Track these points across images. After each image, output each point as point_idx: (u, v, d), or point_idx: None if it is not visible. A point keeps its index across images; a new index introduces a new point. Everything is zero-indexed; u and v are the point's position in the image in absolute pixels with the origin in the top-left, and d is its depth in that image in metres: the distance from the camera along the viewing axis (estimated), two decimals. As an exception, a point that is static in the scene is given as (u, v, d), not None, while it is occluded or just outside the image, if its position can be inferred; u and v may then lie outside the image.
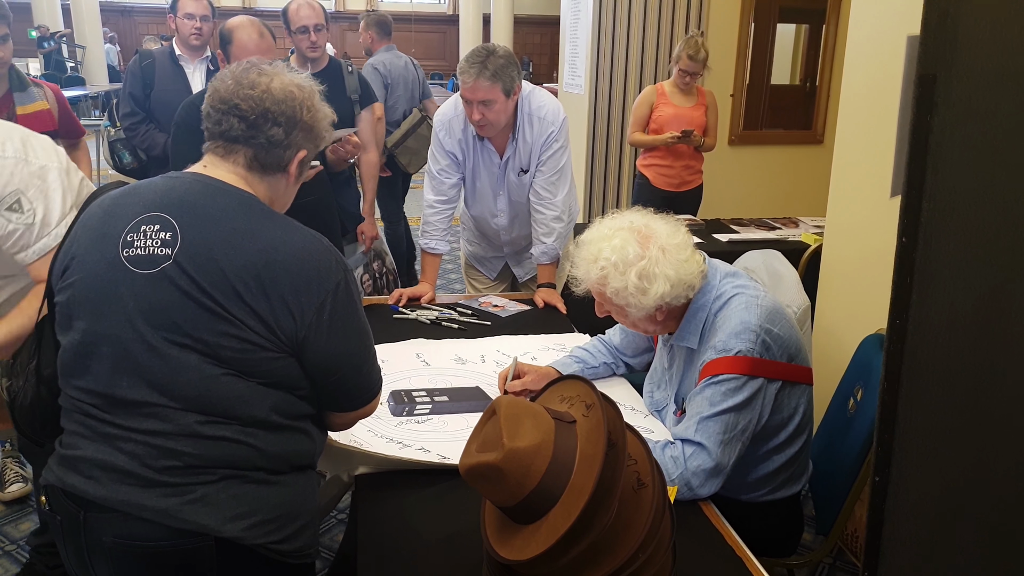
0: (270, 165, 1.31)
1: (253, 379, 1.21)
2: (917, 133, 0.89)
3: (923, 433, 1.00)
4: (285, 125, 1.29)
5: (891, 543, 1.02)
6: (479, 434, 1.14)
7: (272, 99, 1.28)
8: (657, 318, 1.64)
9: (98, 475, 1.19)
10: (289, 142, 1.31)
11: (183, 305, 1.18)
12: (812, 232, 3.66)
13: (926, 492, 1.02)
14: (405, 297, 2.53)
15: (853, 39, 2.50)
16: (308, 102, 1.33)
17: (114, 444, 1.19)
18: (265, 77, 1.30)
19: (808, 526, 2.01)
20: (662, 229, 1.62)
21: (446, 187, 2.58)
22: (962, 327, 0.97)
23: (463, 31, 12.62)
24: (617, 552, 1.06)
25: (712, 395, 1.54)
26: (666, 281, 1.57)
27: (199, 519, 1.17)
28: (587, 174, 4.99)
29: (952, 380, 0.99)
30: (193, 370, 1.18)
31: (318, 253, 1.24)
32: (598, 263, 1.60)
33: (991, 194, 0.94)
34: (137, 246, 1.21)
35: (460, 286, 3.01)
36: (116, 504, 1.17)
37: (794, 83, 5.49)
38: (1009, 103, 0.91)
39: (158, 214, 1.22)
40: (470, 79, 2.30)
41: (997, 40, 0.88)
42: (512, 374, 1.88)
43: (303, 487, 1.30)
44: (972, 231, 0.95)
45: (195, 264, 1.18)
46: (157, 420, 1.18)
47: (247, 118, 1.27)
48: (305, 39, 3.05)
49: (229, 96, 1.28)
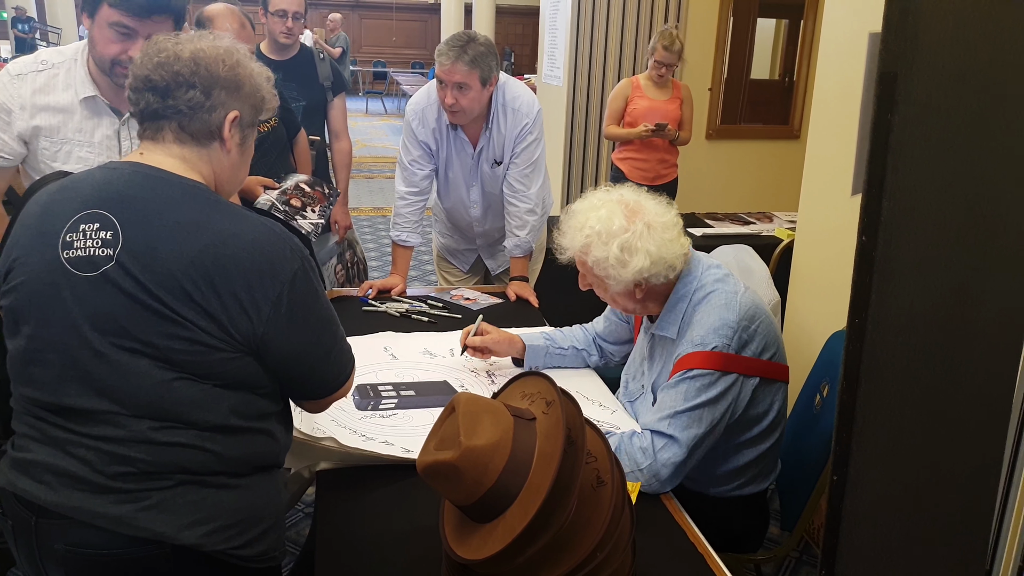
0: (199, 133, 1.22)
1: (209, 382, 1.16)
2: (878, 131, 0.88)
3: (881, 432, 0.99)
4: (202, 86, 1.20)
5: (849, 542, 1.02)
6: (438, 431, 1.12)
7: (181, 62, 1.19)
8: (636, 295, 1.64)
9: (49, 480, 1.14)
10: (212, 103, 1.21)
11: (129, 309, 1.12)
12: (786, 227, 3.67)
13: (884, 491, 1.02)
14: (375, 289, 2.50)
15: (826, 35, 2.51)
16: (227, 59, 1.23)
17: (65, 449, 1.15)
18: (176, 44, 1.21)
19: (774, 520, 2.02)
20: (651, 207, 1.64)
21: (418, 178, 2.55)
22: (921, 326, 0.97)
23: (444, 20, 12.52)
24: (575, 550, 1.05)
25: (687, 390, 1.54)
26: (647, 256, 1.57)
27: (154, 526, 1.13)
28: (565, 166, 4.98)
29: (911, 379, 0.99)
30: (144, 376, 1.13)
31: (270, 243, 1.18)
32: (583, 231, 1.62)
33: (951, 193, 0.94)
34: (77, 247, 1.14)
35: (436, 277, 2.99)
36: (68, 511, 1.13)
37: (773, 78, 5.51)
38: (969, 101, 0.90)
39: (97, 211, 1.15)
40: (448, 61, 2.27)
41: (958, 38, 0.87)
42: (476, 329, 1.91)
43: (266, 489, 1.25)
44: (932, 230, 0.94)
45: (139, 264, 1.12)
46: (109, 426, 1.14)
47: (158, 87, 1.19)
48: (281, 23, 2.97)
49: (140, 72, 1.20)
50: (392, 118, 13.47)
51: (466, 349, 1.93)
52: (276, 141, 2.66)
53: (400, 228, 2.60)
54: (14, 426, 1.22)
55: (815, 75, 2.57)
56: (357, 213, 6.64)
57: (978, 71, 0.88)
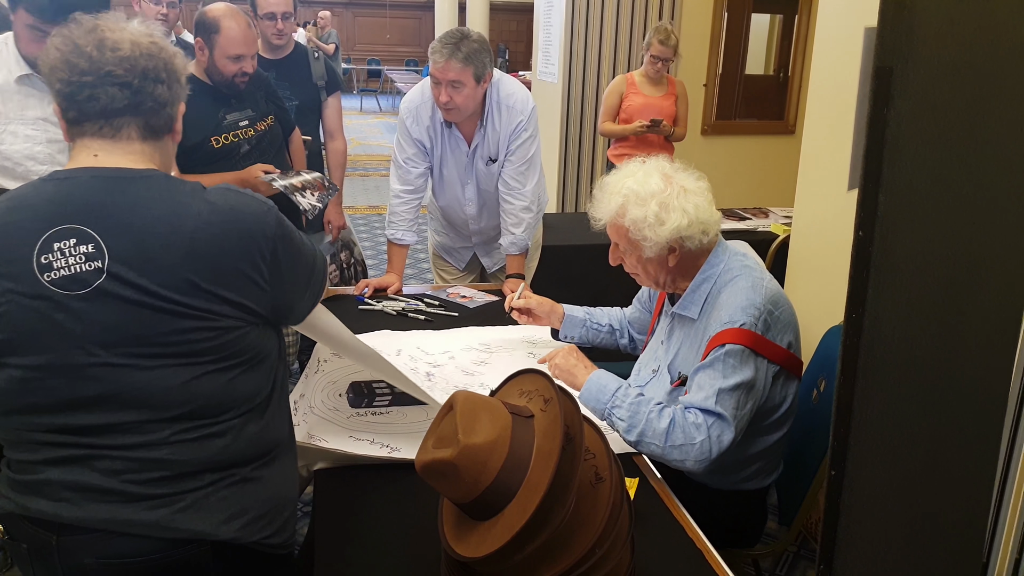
0: (160, 128, 1.19)
1: (233, 364, 1.16)
2: (874, 126, 0.88)
3: (879, 427, 0.99)
4: (167, 80, 1.17)
5: (847, 536, 1.02)
6: (436, 429, 1.12)
7: (144, 54, 1.14)
8: (669, 262, 1.66)
9: (70, 496, 1.12)
10: (172, 97, 1.19)
11: (138, 316, 1.09)
12: (781, 223, 3.68)
13: (882, 485, 1.02)
14: (371, 288, 2.50)
15: (821, 30, 2.51)
16: (167, 47, 1.19)
17: (86, 464, 1.12)
18: (120, 34, 1.15)
19: (772, 515, 2.03)
20: (684, 175, 1.68)
21: (413, 176, 2.54)
22: (918, 321, 0.97)
23: (438, 17, 12.47)
24: (574, 547, 1.05)
25: (724, 367, 1.54)
26: (684, 215, 1.60)
27: (193, 526, 1.14)
28: (560, 162, 4.97)
29: (908, 374, 0.99)
30: (169, 378, 1.12)
31: (242, 203, 1.18)
32: (620, 193, 1.64)
33: (947, 187, 0.94)
34: (58, 267, 1.08)
35: (432, 275, 2.98)
36: (96, 524, 1.11)
37: (768, 73, 5.51)
38: (965, 95, 0.90)
39: (68, 227, 1.09)
40: (442, 59, 2.27)
41: (954, 32, 0.87)
42: (520, 294, 2.01)
43: (285, 477, 1.28)
44: (929, 225, 0.94)
45: (134, 270, 1.09)
46: (136, 435, 1.12)
47: (130, 84, 1.13)
48: (271, 26, 2.99)
49: (92, 65, 1.12)
50: (386, 116, 13.45)
51: (511, 311, 2.02)
52: (273, 140, 2.65)
53: (396, 226, 2.60)
54: (9, 454, 1.18)
55: (810, 70, 2.58)
56: (352, 211, 6.63)
57: (974, 65, 0.88)
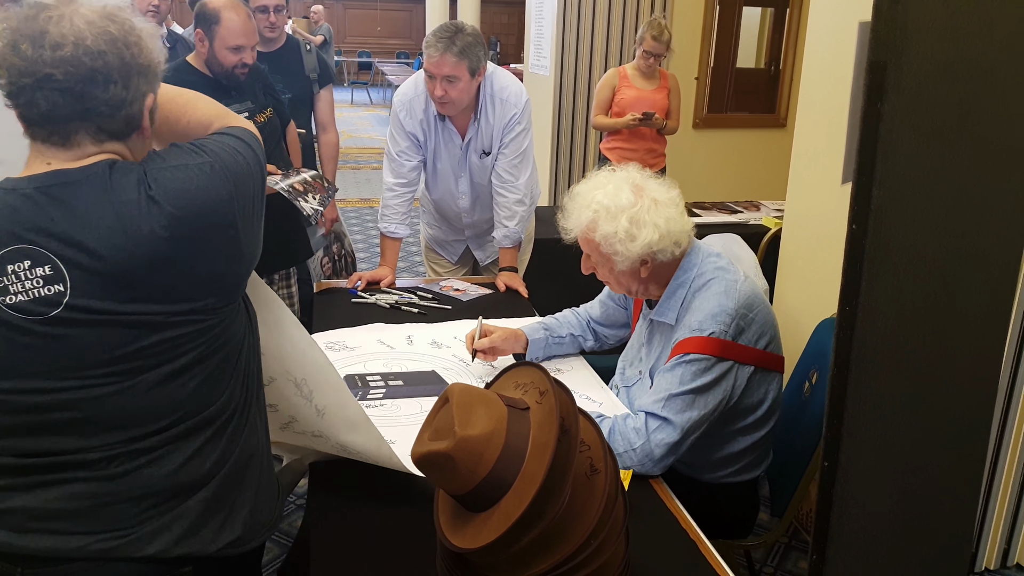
0: (120, 131, 1.07)
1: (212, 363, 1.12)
2: (868, 120, 0.88)
3: (871, 419, 1.00)
4: (121, 79, 1.02)
5: (839, 526, 1.03)
6: (432, 422, 1.12)
7: (89, 51, 0.99)
8: (641, 274, 1.65)
9: (35, 526, 1.05)
10: (132, 95, 1.04)
11: (111, 333, 1.03)
12: (773, 216, 3.69)
13: (874, 476, 1.03)
14: (364, 281, 2.50)
15: (813, 24, 2.51)
16: (129, 34, 1.04)
17: (54, 490, 1.06)
18: (65, 25, 1.00)
19: (764, 507, 2.04)
20: (655, 185, 1.66)
21: (406, 169, 2.54)
22: (911, 313, 0.98)
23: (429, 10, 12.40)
24: (570, 538, 1.05)
25: (683, 374, 1.55)
26: (655, 230, 1.59)
27: (181, 549, 1.11)
28: (552, 156, 4.97)
29: (900, 367, 1.00)
30: (144, 393, 1.07)
31: (196, 178, 1.07)
32: (590, 207, 1.63)
33: (941, 181, 0.95)
34: (15, 291, 1.01)
35: (425, 268, 2.98)
36: (68, 553, 1.06)
37: (759, 66, 5.52)
38: (959, 90, 0.91)
39: (20, 247, 1.01)
40: (436, 53, 2.27)
41: (948, 27, 0.87)
42: (478, 333, 1.89)
43: (269, 479, 1.27)
44: (922, 218, 0.95)
45: (101, 287, 1.01)
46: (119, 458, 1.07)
47: (71, 89, 1.00)
48: (264, 19, 2.99)
49: (29, 66, 0.98)
50: (378, 108, 13.38)
51: (476, 355, 1.88)
52: (271, 133, 2.65)
53: (388, 220, 2.59)
54: None
55: (801, 63, 2.58)
56: (344, 204, 6.61)
57: (967, 60, 0.89)
